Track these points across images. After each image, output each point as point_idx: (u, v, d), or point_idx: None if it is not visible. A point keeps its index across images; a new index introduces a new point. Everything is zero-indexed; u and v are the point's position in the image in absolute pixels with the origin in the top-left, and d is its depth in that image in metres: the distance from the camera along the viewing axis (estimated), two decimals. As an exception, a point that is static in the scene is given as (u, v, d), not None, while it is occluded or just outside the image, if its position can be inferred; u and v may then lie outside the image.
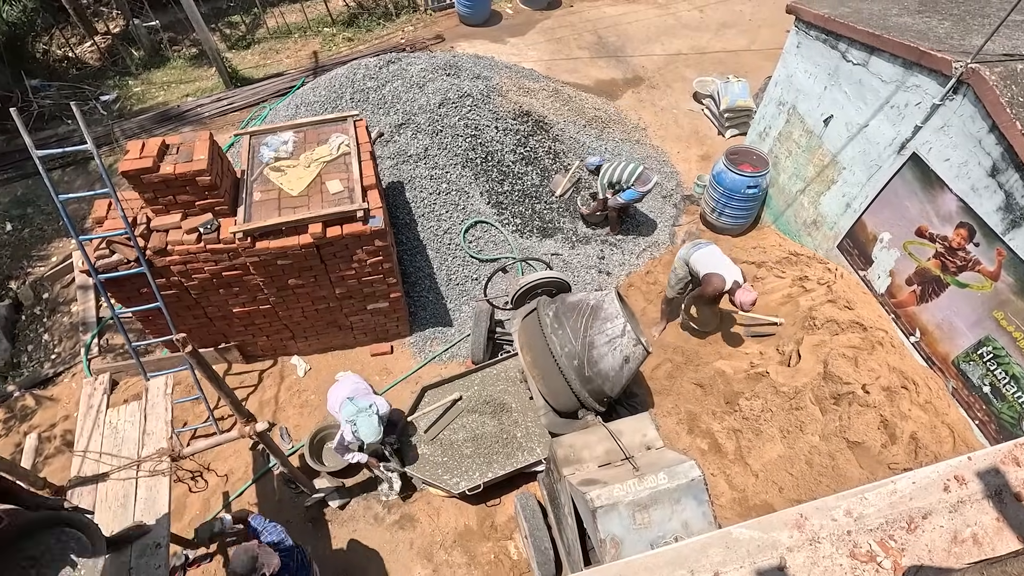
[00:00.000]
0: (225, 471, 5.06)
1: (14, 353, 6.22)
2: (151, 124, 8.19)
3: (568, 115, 7.50)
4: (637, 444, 3.90)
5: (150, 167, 4.09)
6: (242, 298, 4.93)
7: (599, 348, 4.09)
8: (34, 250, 7.04)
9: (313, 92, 7.05)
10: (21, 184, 7.65)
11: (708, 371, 5.57)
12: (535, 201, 6.59)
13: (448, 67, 7.04)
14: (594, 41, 9.62)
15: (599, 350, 4.09)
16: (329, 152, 4.92)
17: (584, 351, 4.11)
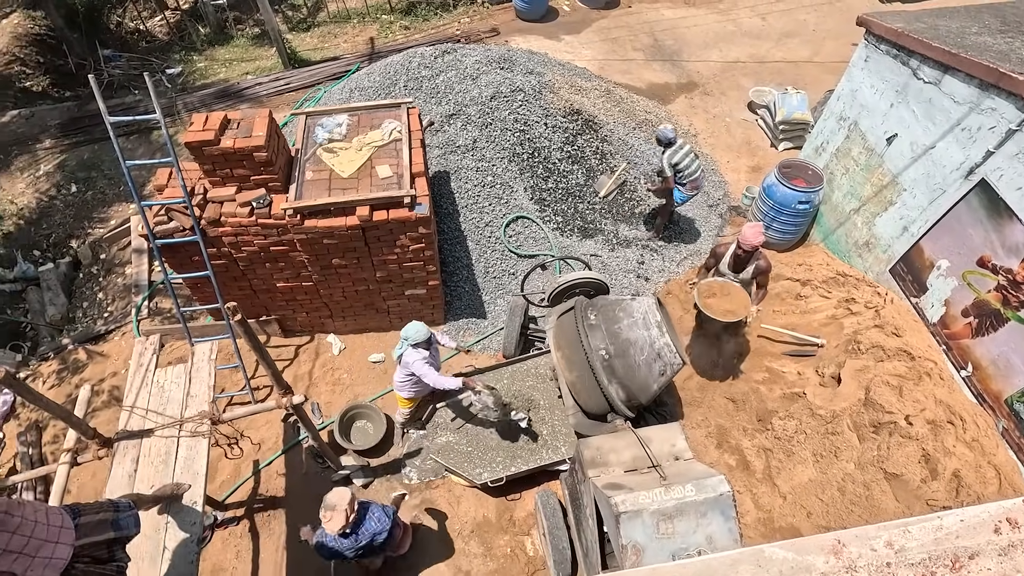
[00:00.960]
0: (257, 440, 5.22)
1: (70, 308, 6.55)
2: (211, 99, 8.47)
3: (618, 116, 7.43)
4: (665, 453, 3.85)
5: (211, 140, 4.24)
6: (286, 273, 5.07)
7: (635, 355, 4.05)
8: (95, 212, 7.39)
9: (368, 77, 7.16)
10: (88, 148, 8.03)
11: (742, 386, 5.45)
12: (578, 200, 6.56)
13: (502, 61, 7.05)
14: (650, 43, 9.49)
15: (634, 357, 4.05)
16: (381, 137, 5.00)
17: (619, 356, 4.08)
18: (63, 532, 2.52)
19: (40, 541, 2.33)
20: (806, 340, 5.48)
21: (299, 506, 4.87)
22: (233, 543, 4.75)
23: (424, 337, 4.14)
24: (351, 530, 3.35)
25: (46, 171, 7.81)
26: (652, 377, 4.09)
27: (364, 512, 3.47)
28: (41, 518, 2.46)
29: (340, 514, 3.19)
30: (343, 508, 3.20)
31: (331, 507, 3.21)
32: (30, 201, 7.49)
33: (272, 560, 4.64)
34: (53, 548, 2.43)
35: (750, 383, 5.44)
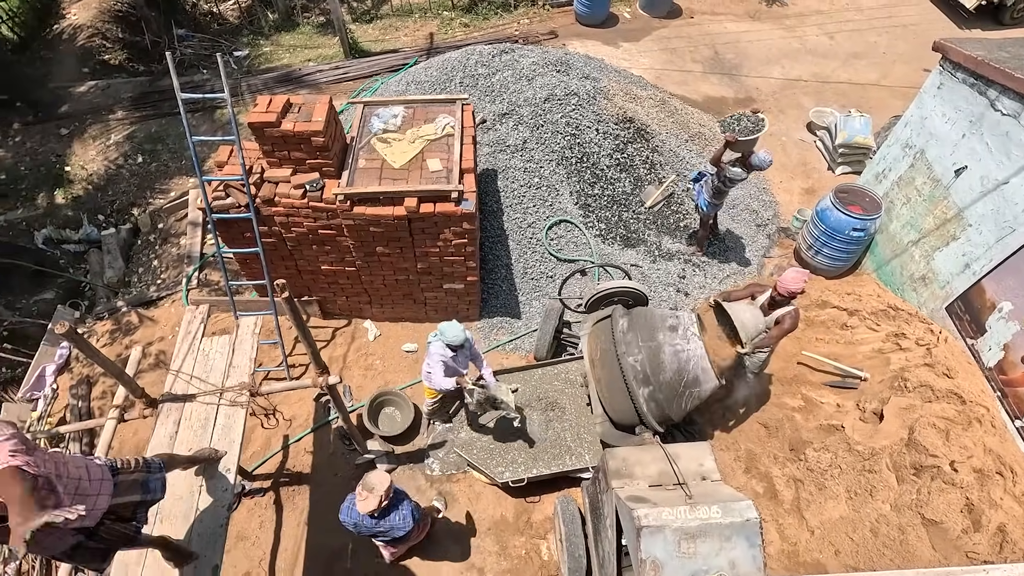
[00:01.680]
0: (289, 415, 5.37)
1: (127, 273, 6.87)
2: (274, 83, 8.75)
3: (671, 127, 7.32)
4: (693, 472, 3.78)
5: (273, 121, 4.38)
6: (331, 257, 5.19)
7: (670, 371, 3.99)
8: (157, 183, 7.73)
9: (425, 72, 7.27)
10: (156, 122, 8.40)
11: (776, 413, 5.30)
12: (623, 209, 6.50)
13: (559, 64, 7.05)
14: (709, 56, 9.33)
15: (670, 374, 3.99)
16: (434, 131, 5.07)
17: (654, 371, 4.03)
18: (103, 484, 2.66)
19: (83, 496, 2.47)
20: (848, 372, 5.29)
21: (324, 483, 4.99)
22: (258, 513, 4.90)
23: (457, 341, 4.09)
24: (378, 514, 3.41)
25: (116, 141, 8.22)
26: (686, 395, 4.02)
27: (397, 503, 3.53)
28: (84, 474, 2.61)
29: (375, 498, 3.26)
30: (380, 492, 3.28)
31: (370, 488, 3.28)
32: (99, 168, 7.89)
33: (293, 534, 4.76)
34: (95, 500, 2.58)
35: (785, 410, 5.29)
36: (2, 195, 7.62)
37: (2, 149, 8.15)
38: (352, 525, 3.55)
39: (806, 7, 10.40)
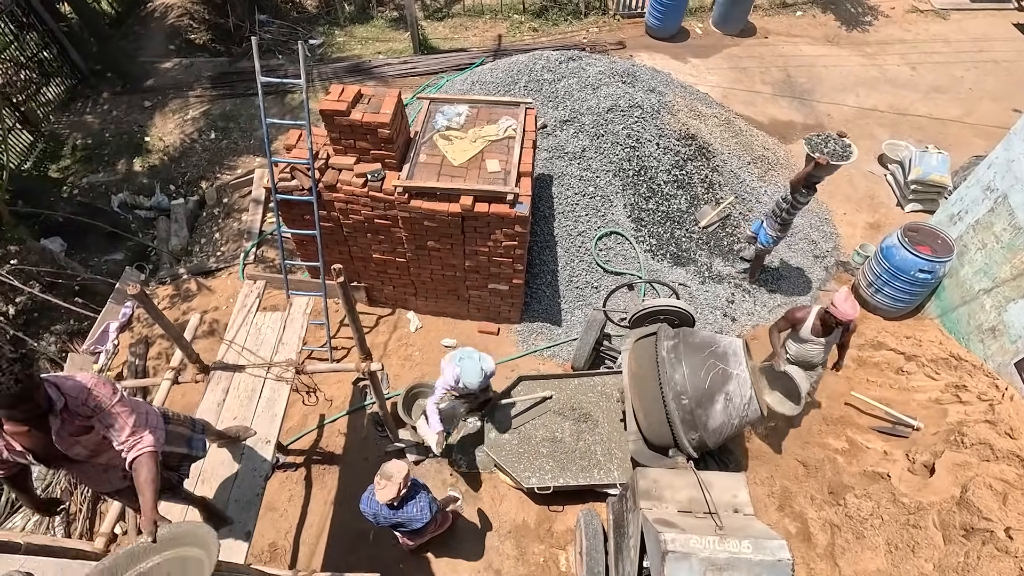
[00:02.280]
0: (327, 396, 5.51)
1: (190, 242, 7.21)
2: (343, 72, 9.02)
3: (734, 148, 7.16)
4: (725, 503, 3.69)
5: (343, 110, 4.51)
6: (384, 246, 5.31)
7: (714, 401, 3.90)
8: (226, 159, 8.08)
9: (491, 73, 7.35)
10: (231, 102, 8.80)
11: (817, 452, 5.11)
12: (676, 226, 6.39)
13: (625, 75, 7.00)
14: (781, 78, 9.07)
15: (714, 404, 3.90)
16: (496, 132, 5.12)
17: (697, 398, 3.94)
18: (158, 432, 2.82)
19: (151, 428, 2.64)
20: (900, 419, 5.04)
21: (353, 465, 5.10)
22: (288, 487, 5.05)
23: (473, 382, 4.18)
24: (397, 504, 3.46)
25: (192, 116, 8.65)
26: (726, 424, 3.93)
27: (414, 493, 3.56)
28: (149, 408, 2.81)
29: (394, 486, 3.30)
30: (398, 481, 3.31)
31: (388, 476, 3.33)
32: (175, 141, 8.32)
33: (320, 511, 4.89)
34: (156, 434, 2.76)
35: (827, 451, 5.08)
36: (87, 158, 8.13)
37: (91, 116, 8.71)
38: (371, 515, 3.60)
39: (889, 35, 9.98)
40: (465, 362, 4.24)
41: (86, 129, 8.51)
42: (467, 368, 4.20)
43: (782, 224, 5.51)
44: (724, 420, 3.93)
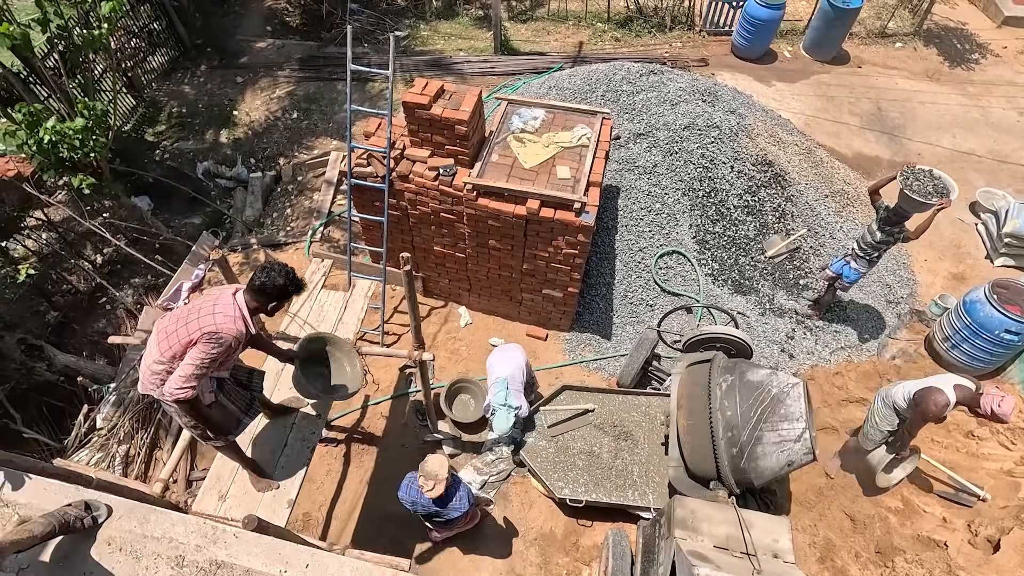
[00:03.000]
0: (374, 379, 5.66)
1: (263, 214, 7.56)
2: (424, 66, 9.23)
3: (813, 179, 6.88)
4: (765, 545, 3.55)
5: (425, 104, 4.62)
6: (446, 240, 5.40)
7: (766, 443, 3.77)
8: (304, 139, 8.43)
9: (569, 79, 7.34)
10: (315, 84, 9.16)
11: (867, 507, 4.84)
12: (741, 253, 6.20)
13: (706, 93, 6.85)
14: (871, 111, 8.64)
15: (765, 446, 3.77)
16: (570, 139, 5.11)
17: (748, 437, 3.81)
18: None
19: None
20: (965, 487, 4.71)
21: (391, 450, 5.22)
22: (328, 461, 5.21)
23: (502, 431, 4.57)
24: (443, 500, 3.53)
25: (278, 95, 9.06)
26: (774, 467, 3.78)
27: (456, 485, 3.62)
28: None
29: (441, 483, 3.39)
30: (443, 477, 3.39)
31: (432, 476, 3.39)
32: (260, 117, 8.73)
33: (355, 488, 5.02)
34: None
35: (879, 508, 4.81)
36: (180, 125, 8.66)
37: (188, 86, 9.26)
38: (410, 503, 3.68)
39: (997, 76, 9.34)
40: (499, 414, 4.52)
41: (182, 98, 9.06)
42: (498, 420, 4.53)
43: (870, 263, 5.29)
44: (773, 460, 3.78)
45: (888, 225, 5.00)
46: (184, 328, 2.75)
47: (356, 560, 2.35)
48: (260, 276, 2.83)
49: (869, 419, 4.61)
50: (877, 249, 5.18)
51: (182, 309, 2.86)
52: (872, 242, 5.15)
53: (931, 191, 4.74)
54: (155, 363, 2.80)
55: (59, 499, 2.37)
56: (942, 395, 4.00)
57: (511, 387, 4.60)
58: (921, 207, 4.71)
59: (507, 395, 4.53)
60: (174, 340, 2.75)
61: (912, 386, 4.29)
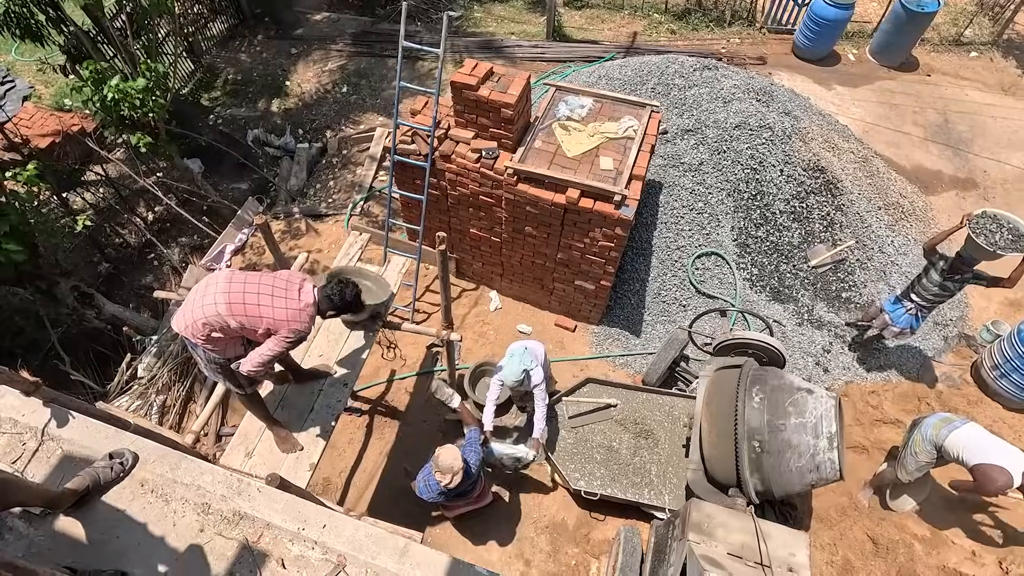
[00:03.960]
0: (401, 355, 5.75)
1: (307, 185, 7.72)
2: (474, 47, 9.20)
3: (866, 189, 6.61)
4: (780, 559, 3.48)
5: (473, 85, 4.61)
6: (482, 223, 5.41)
7: (791, 453, 3.67)
8: (352, 114, 8.54)
9: (620, 70, 7.21)
10: (365, 60, 9.26)
11: (892, 532, 4.69)
12: (783, 260, 6.02)
13: (761, 93, 6.63)
14: (936, 122, 8.22)
15: (791, 459, 3.68)
16: (616, 130, 5.03)
17: (774, 448, 3.73)
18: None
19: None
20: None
21: (413, 425, 5.31)
22: (350, 430, 5.34)
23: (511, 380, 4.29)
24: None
25: (329, 69, 9.19)
26: (798, 481, 3.69)
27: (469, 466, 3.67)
28: None
29: (458, 474, 3.45)
30: (458, 468, 3.44)
31: (448, 469, 3.44)
32: (311, 88, 8.89)
33: (374, 459, 5.14)
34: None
35: (904, 533, 4.66)
36: (234, 92, 8.89)
37: (244, 55, 9.48)
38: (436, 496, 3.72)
39: (1080, 93, 8.74)
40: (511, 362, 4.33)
41: (238, 66, 9.29)
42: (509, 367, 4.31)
43: (928, 309, 4.92)
44: (796, 478, 3.69)
45: (955, 273, 4.59)
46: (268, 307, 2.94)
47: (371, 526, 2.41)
48: (337, 288, 3.11)
49: (908, 449, 4.42)
50: (942, 298, 4.79)
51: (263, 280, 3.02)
52: (936, 292, 4.73)
53: (1009, 239, 4.34)
54: (215, 317, 2.88)
55: (100, 438, 2.50)
56: (1005, 476, 3.80)
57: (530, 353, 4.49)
58: (994, 257, 4.33)
59: (524, 355, 4.41)
60: (252, 313, 2.92)
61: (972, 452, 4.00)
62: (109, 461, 2.40)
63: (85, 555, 2.22)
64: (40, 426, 2.48)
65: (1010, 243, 4.32)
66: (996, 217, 4.44)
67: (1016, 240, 4.32)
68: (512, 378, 4.27)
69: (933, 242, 4.68)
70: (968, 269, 4.53)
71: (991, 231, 4.39)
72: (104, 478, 2.34)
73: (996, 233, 4.37)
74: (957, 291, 4.74)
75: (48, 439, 2.48)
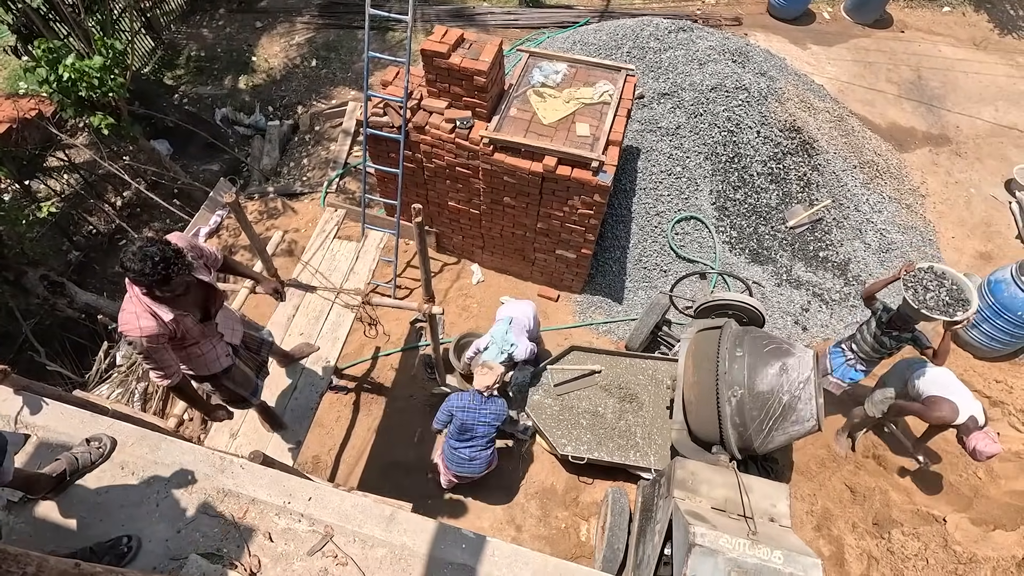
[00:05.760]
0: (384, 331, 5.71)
1: (280, 163, 7.53)
2: (446, 15, 8.97)
3: (842, 148, 6.64)
4: (762, 510, 3.59)
5: (444, 52, 4.50)
6: (460, 195, 5.35)
7: (771, 409, 3.75)
8: (323, 88, 8.31)
9: (595, 34, 7.09)
10: (334, 32, 8.97)
11: (869, 481, 4.86)
12: (762, 222, 6.06)
13: (736, 54, 6.57)
14: (910, 79, 8.25)
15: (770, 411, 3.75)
16: (591, 95, 4.97)
17: (753, 399, 3.80)
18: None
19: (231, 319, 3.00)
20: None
21: (399, 400, 5.32)
22: (337, 408, 5.34)
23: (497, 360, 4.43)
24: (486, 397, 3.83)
25: (297, 42, 8.89)
26: (780, 436, 3.78)
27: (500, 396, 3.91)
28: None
29: (494, 375, 3.66)
30: (498, 372, 3.69)
31: (490, 367, 3.64)
32: (279, 64, 8.61)
33: (363, 435, 5.16)
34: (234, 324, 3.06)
35: (880, 481, 4.82)
36: (198, 70, 8.57)
37: (207, 30, 9.12)
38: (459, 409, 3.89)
39: (1050, 46, 8.83)
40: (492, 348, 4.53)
41: (201, 41, 8.94)
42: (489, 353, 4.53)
43: (868, 363, 4.47)
44: (777, 432, 3.78)
45: (893, 329, 4.16)
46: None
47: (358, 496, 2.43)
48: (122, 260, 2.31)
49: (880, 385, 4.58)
50: (880, 354, 4.34)
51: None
52: (873, 346, 4.29)
53: (946, 301, 3.81)
54: None
55: (75, 423, 2.47)
56: (952, 407, 3.97)
57: (514, 327, 4.61)
58: (921, 317, 3.89)
59: (508, 330, 4.54)
60: None
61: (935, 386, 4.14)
62: (87, 446, 2.37)
63: (68, 540, 2.20)
64: (12, 414, 2.43)
65: (941, 306, 3.77)
66: (942, 275, 3.93)
67: (951, 304, 3.80)
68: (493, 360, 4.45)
69: (870, 290, 4.22)
70: (907, 327, 4.09)
71: (926, 287, 3.89)
72: (82, 462, 2.31)
73: (931, 292, 3.86)
74: (895, 349, 4.25)
75: (22, 427, 2.43)
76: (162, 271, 2.28)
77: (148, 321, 2.44)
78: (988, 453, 3.91)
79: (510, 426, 4.65)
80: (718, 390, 3.91)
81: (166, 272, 2.29)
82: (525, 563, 2.28)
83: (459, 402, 3.94)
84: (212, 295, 2.82)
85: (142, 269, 2.25)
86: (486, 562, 2.26)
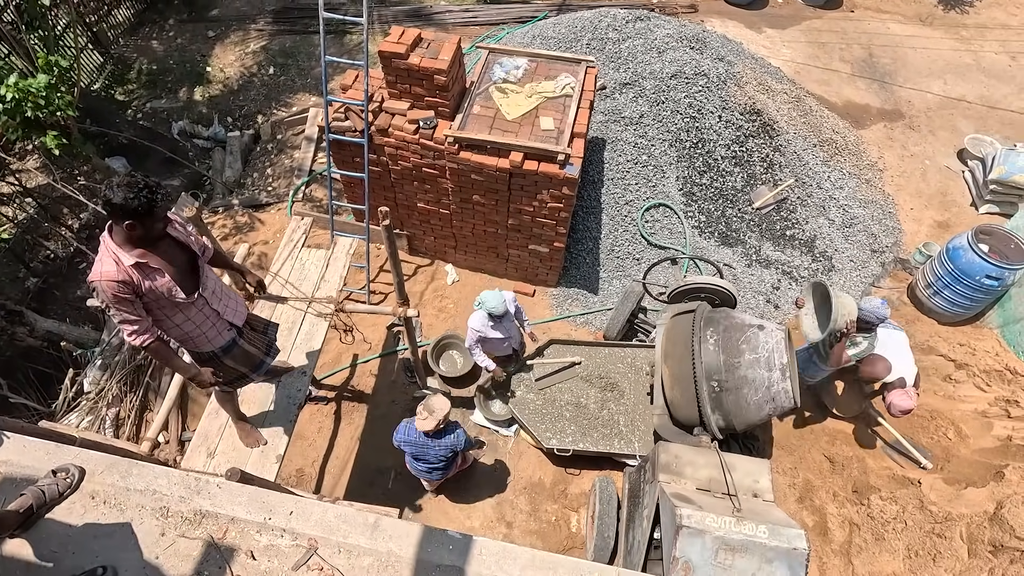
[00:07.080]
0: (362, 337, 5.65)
1: (243, 175, 7.38)
2: (404, 16, 8.88)
3: (801, 128, 6.78)
4: (746, 487, 3.66)
5: (402, 53, 4.45)
6: (429, 196, 5.31)
7: (748, 387, 3.82)
8: (282, 96, 8.16)
9: (553, 28, 7.10)
10: (290, 38, 8.82)
11: (846, 450, 4.99)
12: (729, 205, 6.16)
13: (694, 40, 6.65)
14: (862, 57, 8.47)
15: (747, 390, 3.83)
16: (553, 89, 4.97)
17: (729, 380, 3.87)
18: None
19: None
20: (911, 453, 4.79)
21: (381, 406, 5.27)
22: (318, 419, 5.26)
23: (498, 311, 4.05)
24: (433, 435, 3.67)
25: (253, 50, 8.71)
26: (757, 414, 3.86)
27: (450, 430, 3.75)
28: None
29: (434, 420, 3.51)
30: (439, 416, 3.51)
31: (431, 410, 3.50)
32: (235, 73, 8.42)
33: (346, 445, 5.09)
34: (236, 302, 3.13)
35: (857, 450, 4.96)
36: (151, 83, 8.34)
37: (157, 42, 8.88)
38: (405, 444, 3.77)
39: (991, 18, 9.15)
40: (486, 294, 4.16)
41: (151, 54, 8.70)
42: (487, 297, 4.10)
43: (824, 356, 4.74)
44: (754, 410, 3.86)
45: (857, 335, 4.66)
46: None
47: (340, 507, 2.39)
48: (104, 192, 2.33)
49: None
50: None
51: None
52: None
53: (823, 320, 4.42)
54: None
55: (39, 455, 2.38)
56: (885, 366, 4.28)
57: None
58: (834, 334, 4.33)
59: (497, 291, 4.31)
60: None
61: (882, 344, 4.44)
62: (54, 478, 2.29)
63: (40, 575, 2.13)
64: (-29, 451, 2.33)
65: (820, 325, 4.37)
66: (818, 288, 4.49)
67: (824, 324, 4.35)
68: (493, 302, 4.09)
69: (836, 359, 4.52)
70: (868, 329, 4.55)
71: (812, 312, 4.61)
72: (50, 495, 2.23)
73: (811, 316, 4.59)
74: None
75: (-17, 463, 2.34)
76: (146, 196, 2.31)
77: (109, 266, 2.42)
78: (902, 407, 4.22)
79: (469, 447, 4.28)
80: (695, 372, 3.96)
81: (151, 197, 2.33)
82: (513, 559, 2.28)
83: (405, 436, 3.79)
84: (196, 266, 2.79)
85: (126, 196, 2.28)
86: (474, 561, 2.25)
